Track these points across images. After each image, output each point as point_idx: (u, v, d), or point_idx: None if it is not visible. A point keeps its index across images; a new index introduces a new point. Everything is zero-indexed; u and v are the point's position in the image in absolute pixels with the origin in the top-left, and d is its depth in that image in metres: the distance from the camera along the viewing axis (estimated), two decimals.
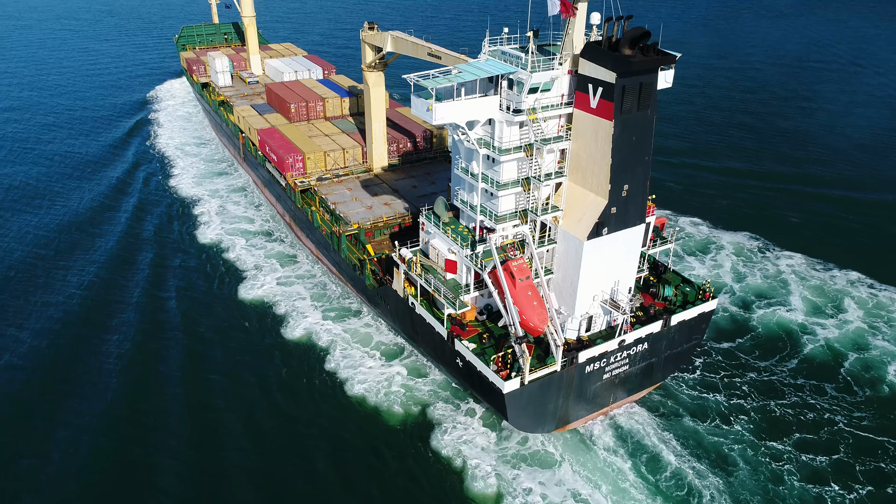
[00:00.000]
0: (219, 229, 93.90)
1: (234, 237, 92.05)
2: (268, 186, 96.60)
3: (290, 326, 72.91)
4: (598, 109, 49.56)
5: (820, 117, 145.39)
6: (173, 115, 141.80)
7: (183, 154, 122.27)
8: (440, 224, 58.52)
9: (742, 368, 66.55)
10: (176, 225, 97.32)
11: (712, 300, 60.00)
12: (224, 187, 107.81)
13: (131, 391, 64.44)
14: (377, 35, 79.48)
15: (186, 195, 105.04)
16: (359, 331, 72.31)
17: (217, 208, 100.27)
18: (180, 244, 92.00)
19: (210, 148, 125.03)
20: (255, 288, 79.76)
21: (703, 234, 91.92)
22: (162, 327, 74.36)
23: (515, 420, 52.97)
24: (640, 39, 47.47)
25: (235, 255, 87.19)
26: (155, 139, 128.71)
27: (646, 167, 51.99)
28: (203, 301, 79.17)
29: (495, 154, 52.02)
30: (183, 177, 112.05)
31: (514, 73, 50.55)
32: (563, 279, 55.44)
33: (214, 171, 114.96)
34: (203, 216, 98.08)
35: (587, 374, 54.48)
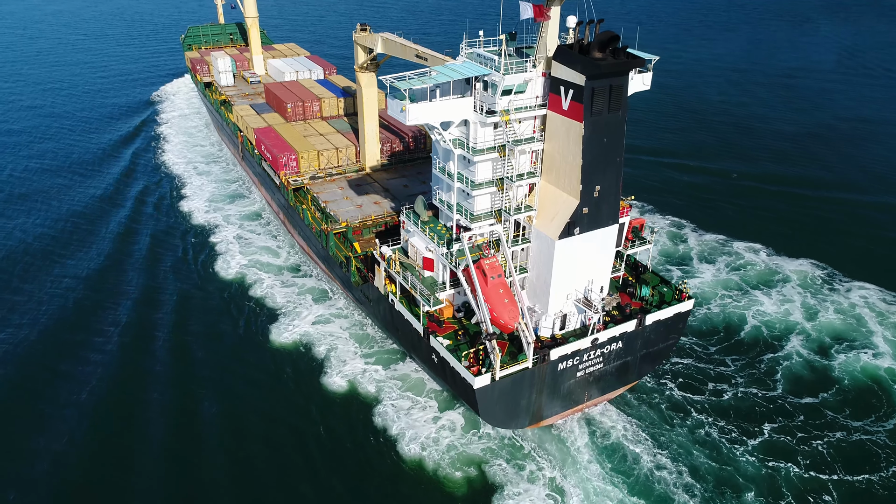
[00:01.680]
0: (241, 261, 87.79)
1: (259, 271, 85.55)
2: (264, 185, 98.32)
3: (330, 374, 66.18)
4: (569, 111, 50.48)
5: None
6: (177, 115, 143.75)
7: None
8: (419, 223, 59.69)
9: (828, 428, 60.10)
10: (190, 253, 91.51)
11: (688, 300, 60.64)
12: (236, 212, 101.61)
13: (165, 460, 57.40)
14: (368, 36, 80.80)
15: (200, 219, 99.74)
16: (408, 376, 65.41)
17: (234, 237, 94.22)
18: (199, 280, 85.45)
19: (213, 147, 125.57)
20: (288, 330, 72.99)
21: (762, 262, 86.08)
22: (187, 379, 67.15)
23: (486, 415, 53.97)
24: (609, 43, 48.33)
25: (263, 292, 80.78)
26: (159, 149, 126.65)
27: (618, 168, 52.79)
28: (231, 347, 72.49)
29: (469, 154, 53.09)
30: (190, 182, 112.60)
31: (487, 75, 51.60)
32: (536, 277, 56.39)
33: (212, 168, 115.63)
34: (220, 245, 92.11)
35: (560, 371, 55.34)
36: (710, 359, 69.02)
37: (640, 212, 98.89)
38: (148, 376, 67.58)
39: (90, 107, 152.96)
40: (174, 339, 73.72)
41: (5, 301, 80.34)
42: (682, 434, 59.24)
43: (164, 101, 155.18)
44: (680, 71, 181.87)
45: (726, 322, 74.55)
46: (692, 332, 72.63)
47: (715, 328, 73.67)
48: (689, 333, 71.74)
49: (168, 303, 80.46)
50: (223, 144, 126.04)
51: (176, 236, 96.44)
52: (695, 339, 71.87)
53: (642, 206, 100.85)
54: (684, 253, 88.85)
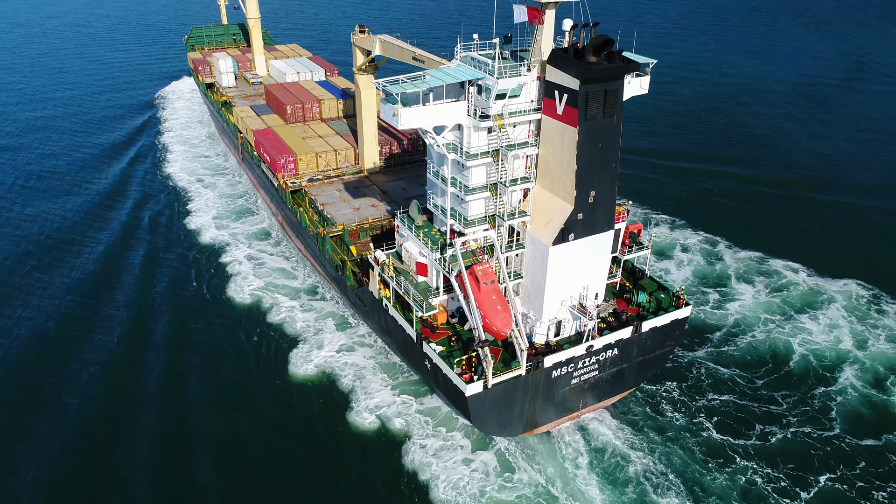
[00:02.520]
0: (255, 284, 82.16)
1: (274, 294, 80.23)
2: (263, 187, 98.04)
3: (357, 410, 61.44)
4: (563, 116, 49.84)
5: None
6: (179, 123, 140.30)
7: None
8: (413, 227, 59.16)
9: (894, 478, 55.20)
10: (200, 276, 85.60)
11: (686, 307, 59.86)
12: (243, 231, 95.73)
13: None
14: (367, 38, 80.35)
15: (207, 238, 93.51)
16: (438, 411, 61.19)
17: (245, 257, 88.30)
18: (211, 305, 79.40)
19: (218, 158, 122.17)
20: (310, 361, 67.95)
21: (804, 282, 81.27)
22: (202, 421, 61.37)
23: (479, 423, 53.40)
24: (603, 47, 47.66)
25: (280, 318, 75.46)
26: (161, 160, 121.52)
27: (613, 173, 52.10)
28: (249, 381, 67.04)
29: (463, 159, 52.52)
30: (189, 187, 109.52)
31: (481, 78, 51.01)
32: (531, 283, 55.77)
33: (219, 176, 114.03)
34: (231, 266, 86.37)
35: (554, 378, 54.70)
36: (756, 394, 64.08)
37: (671, 228, 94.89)
38: (158, 417, 61.81)
39: (90, 110, 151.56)
40: (184, 373, 67.82)
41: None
42: (724, 484, 54.40)
43: (166, 103, 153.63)
44: (698, 71, 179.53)
45: (773, 351, 69.78)
46: (735, 363, 67.94)
47: (761, 358, 68.83)
48: (731, 365, 67.57)
49: (177, 332, 74.53)
50: (228, 154, 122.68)
51: (183, 258, 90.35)
52: (738, 370, 66.94)
53: (673, 222, 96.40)
54: (721, 272, 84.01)
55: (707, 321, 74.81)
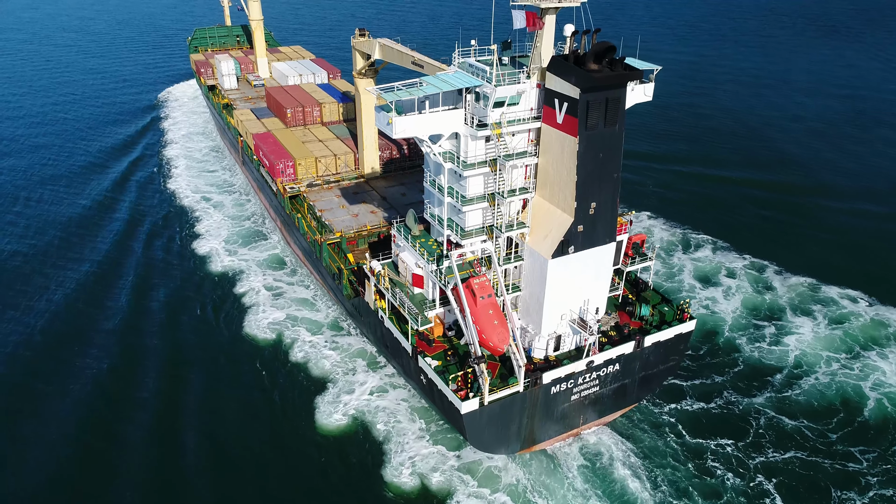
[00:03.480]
0: (274, 317, 75.11)
1: (296, 329, 73.12)
2: (262, 191, 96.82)
3: (393, 465, 55.41)
4: (563, 125, 48.17)
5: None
6: (182, 134, 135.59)
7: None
8: (409, 237, 57.65)
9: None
10: (212, 308, 78.37)
11: (690, 321, 58.02)
12: (254, 258, 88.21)
13: None
14: (366, 42, 78.89)
15: (218, 266, 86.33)
16: (478, 466, 55.26)
17: (262, 286, 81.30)
18: (226, 342, 72.43)
19: (225, 173, 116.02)
20: (338, 409, 61.09)
21: (864, 312, 74.77)
22: (217, 479, 55.27)
23: (475, 440, 51.83)
24: (605, 53, 45.96)
25: (303, 356, 68.41)
26: (164, 179, 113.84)
27: (615, 184, 50.39)
28: (270, 432, 60.06)
29: (460, 169, 50.94)
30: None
31: (479, 86, 49.41)
32: (529, 297, 54.13)
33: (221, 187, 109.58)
34: (247, 297, 79.05)
35: (553, 395, 53.05)
36: (828, 450, 57.00)
37: (713, 249, 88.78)
38: (169, 471, 55.99)
39: (90, 114, 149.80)
40: (197, 419, 61.62)
41: None
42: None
43: (168, 110, 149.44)
44: (716, 76, 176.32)
45: (842, 396, 63.03)
46: (801, 411, 61.42)
47: (830, 405, 61.89)
48: (799, 415, 60.99)
49: (188, 371, 68.21)
50: (235, 168, 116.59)
51: (196, 289, 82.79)
52: (804, 420, 60.35)
53: (715, 243, 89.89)
54: (773, 303, 77.17)
55: (764, 361, 68.21)
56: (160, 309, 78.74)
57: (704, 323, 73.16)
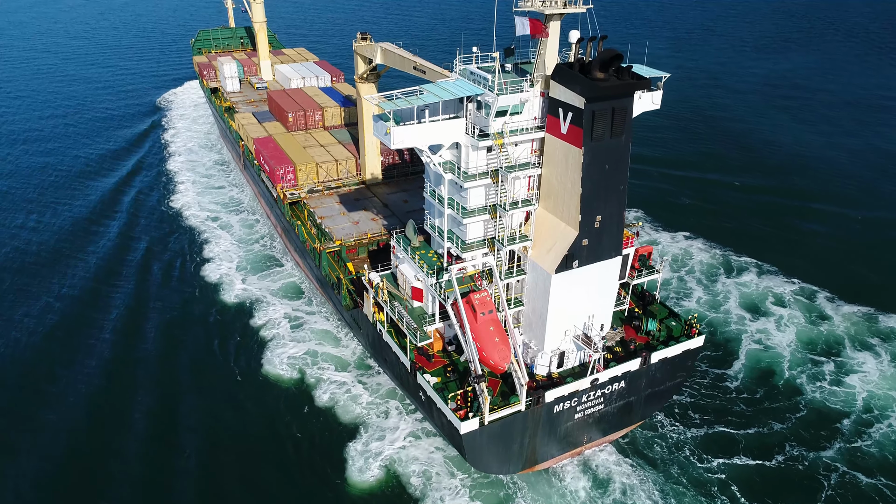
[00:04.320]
0: (293, 352, 68.74)
1: (319, 365, 66.85)
2: (263, 197, 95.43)
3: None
4: (568, 135, 46.41)
5: None
6: (185, 148, 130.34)
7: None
8: (409, 249, 56.02)
9: None
10: (227, 343, 71.76)
11: (699, 336, 56.15)
12: (267, 287, 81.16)
13: None
14: (368, 46, 77.36)
15: (230, 296, 79.60)
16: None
17: (282, 316, 75.23)
18: (242, 383, 66.12)
19: (234, 190, 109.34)
20: (369, 460, 55.65)
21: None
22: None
23: (475, 461, 50.14)
24: (612, 62, 44.12)
25: (329, 398, 62.20)
26: (169, 195, 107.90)
27: (621, 197, 48.59)
28: (294, 488, 54.69)
29: (460, 180, 49.25)
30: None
31: (480, 94, 47.72)
32: (532, 312, 52.38)
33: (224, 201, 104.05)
34: (265, 330, 72.91)
35: (556, 413, 51.29)
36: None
37: (758, 272, 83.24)
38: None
39: (91, 118, 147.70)
40: (210, 473, 55.81)
41: None
42: None
43: (170, 120, 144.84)
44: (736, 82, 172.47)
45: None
46: (878, 466, 55.67)
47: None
48: (875, 471, 55.11)
49: (205, 416, 61.56)
50: (244, 184, 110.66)
51: (203, 321, 76.11)
52: (883, 478, 54.48)
53: (760, 266, 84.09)
54: (830, 335, 71.38)
55: (829, 404, 62.55)
56: (169, 342, 72.56)
57: (759, 360, 68.06)
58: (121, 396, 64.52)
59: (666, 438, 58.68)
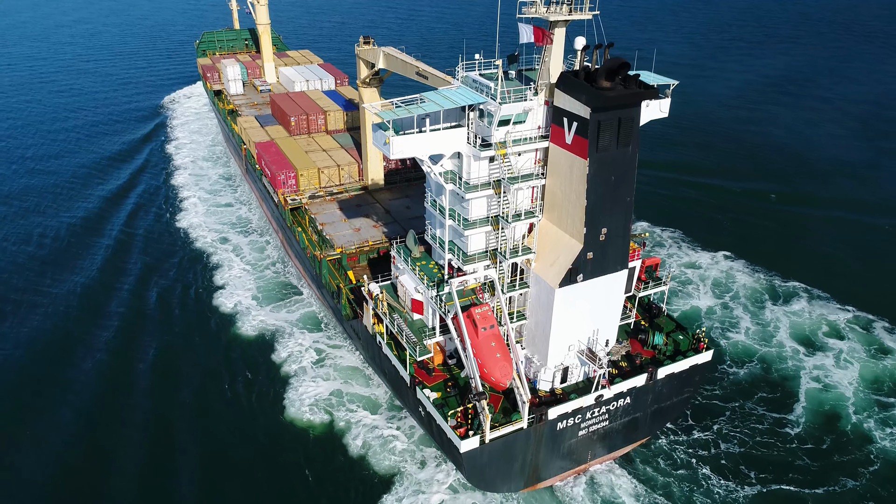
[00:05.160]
0: (317, 393, 62.87)
1: (346, 406, 61.34)
2: (265, 202, 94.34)
3: None
4: (572, 146, 45.00)
5: None
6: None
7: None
8: (409, 259, 54.71)
9: None
10: (247, 381, 65.79)
11: (706, 351, 54.59)
12: (285, 318, 74.85)
13: None
14: (371, 50, 76.07)
15: (247, 327, 73.48)
16: None
17: (304, 349, 69.35)
18: (262, 426, 60.37)
19: (243, 211, 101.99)
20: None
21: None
22: None
23: (475, 479, 48.84)
24: (618, 70, 42.72)
25: (360, 445, 56.72)
26: (175, 213, 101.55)
27: (627, 209, 47.15)
28: None
29: (461, 191, 47.91)
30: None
31: (483, 103, 46.35)
32: (535, 326, 50.95)
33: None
34: (287, 366, 66.89)
35: (559, 430, 49.86)
36: None
37: (808, 299, 77.65)
38: None
39: (93, 122, 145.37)
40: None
41: None
42: None
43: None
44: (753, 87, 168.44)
45: None
46: None
47: None
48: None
49: (221, 464, 56.60)
50: (252, 201, 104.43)
51: (219, 355, 70.08)
52: None
53: (810, 292, 78.39)
54: (895, 372, 66.07)
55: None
56: (178, 382, 66.48)
57: (821, 403, 62.40)
58: (122, 448, 57.96)
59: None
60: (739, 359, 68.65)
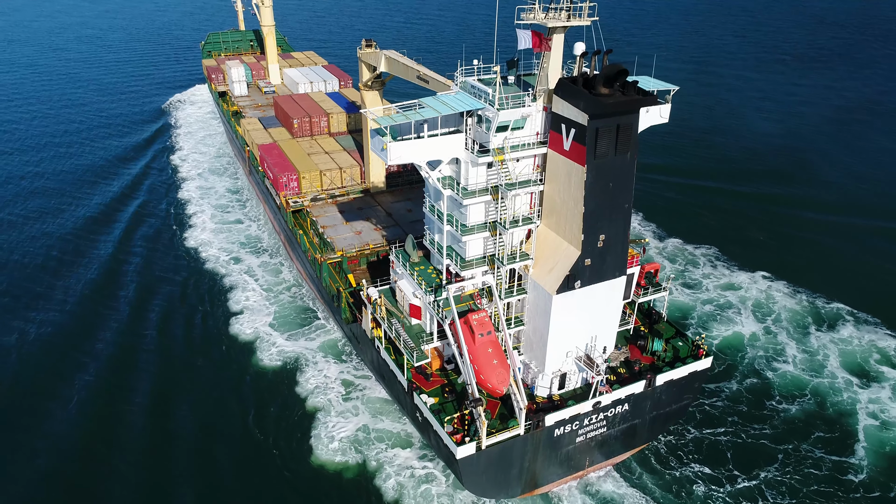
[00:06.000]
0: (345, 433, 58.73)
1: (374, 445, 57.22)
2: (268, 204, 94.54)
3: None
4: (570, 152, 44.87)
5: None
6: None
7: None
8: (408, 264, 54.68)
9: None
10: (273, 419, 61.38)
11: (706, 358, 54.31)
12: (306, 347, 70.79)
13: None
14: (372, 54, 76.06)
15: (267, 357, 69.34)
16: None
17: (328, 378, 65.77)
18: (289, 468, 56.34)
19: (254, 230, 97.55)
20: None
21: None
22: None
23: (471, 486, 48.72)
24: (617, 77, 42.58)
25: (394, 487, 53.47)
26: (182, 229, 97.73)
27: (625, 215, 46.98)
28: None
29: (459, 196, 47.82)
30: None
31: (481, 109, 46.27)
32: (533, 332, 50.85)
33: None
34: (312, 398, 62.99)
35: (557, 437, 49.73)
36: None
37: (855, 323, 73.69)
38: None
39: (94, 125, 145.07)
40: None
41: None
42: None
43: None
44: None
45: None
46: None
47: None
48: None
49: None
50: (262, 218, 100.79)
51: (233, 389, 65.87)
52: None
53: (855, 314, 74.52)
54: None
55: None
56: (196, 415, 62.14)
57: (881, 443, 58.07)
58: (127, 486, 54.95)
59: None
60: (789, 392, 64.07)
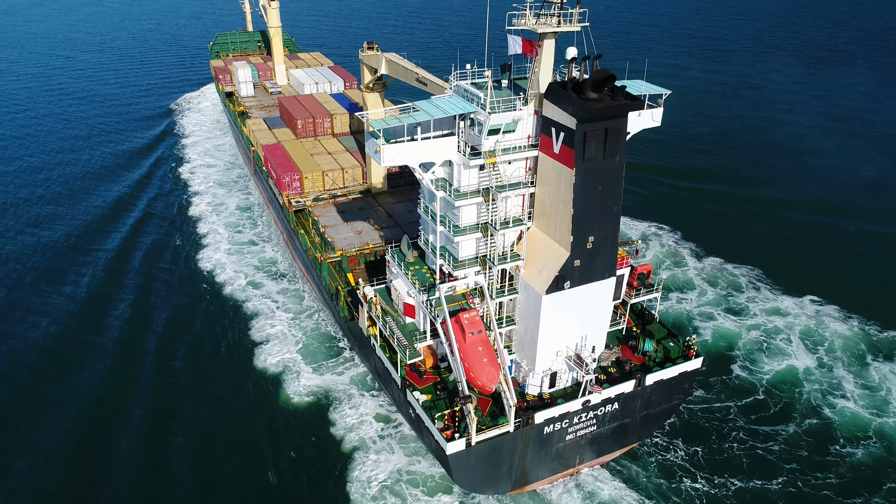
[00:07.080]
0: (378, 469, 55.58)
1: (412, 490, 53.93)
2: (271, 204, 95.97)
3: None
4: (560, 155, 45.78)
5: None
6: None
7: None
8: (403, 264, 55.78)
9: None
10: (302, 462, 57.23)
11: (696, 358, 55.04)
12: (335, 380, 66.27)
13: None
14: (373, 56, 77.28)
15: (294, 392, 64.83)
16: None
17: (362, 410, 61.91)
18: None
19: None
20: None
21: None
22: None
23: (461, 481, 49.73)
24: (605, 82, 43.45)
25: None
26: (196, 250, 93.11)
27: (615, 218, 47.82)
28: None
29: (452, 198, 48.86)
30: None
31: (473, 112, 47.28)
32: (524, 332, 51.79)
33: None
34: (347, 439, 58.84)
35: (546, 434, 50.64)
36: None
37: (862, 324, 72.77)
38: None
39: (95, 128, 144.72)
40: None
41: None
42: None
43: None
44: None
45: None
46: None
47: None
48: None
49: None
50: (280, 241, 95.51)
51: (262, 425, 61.85)
52: None
53: (865, 321, 73.24)
54: None
55: None
56: (218, 461, 57.97)
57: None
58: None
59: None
60: (852, 434, 59.63)
